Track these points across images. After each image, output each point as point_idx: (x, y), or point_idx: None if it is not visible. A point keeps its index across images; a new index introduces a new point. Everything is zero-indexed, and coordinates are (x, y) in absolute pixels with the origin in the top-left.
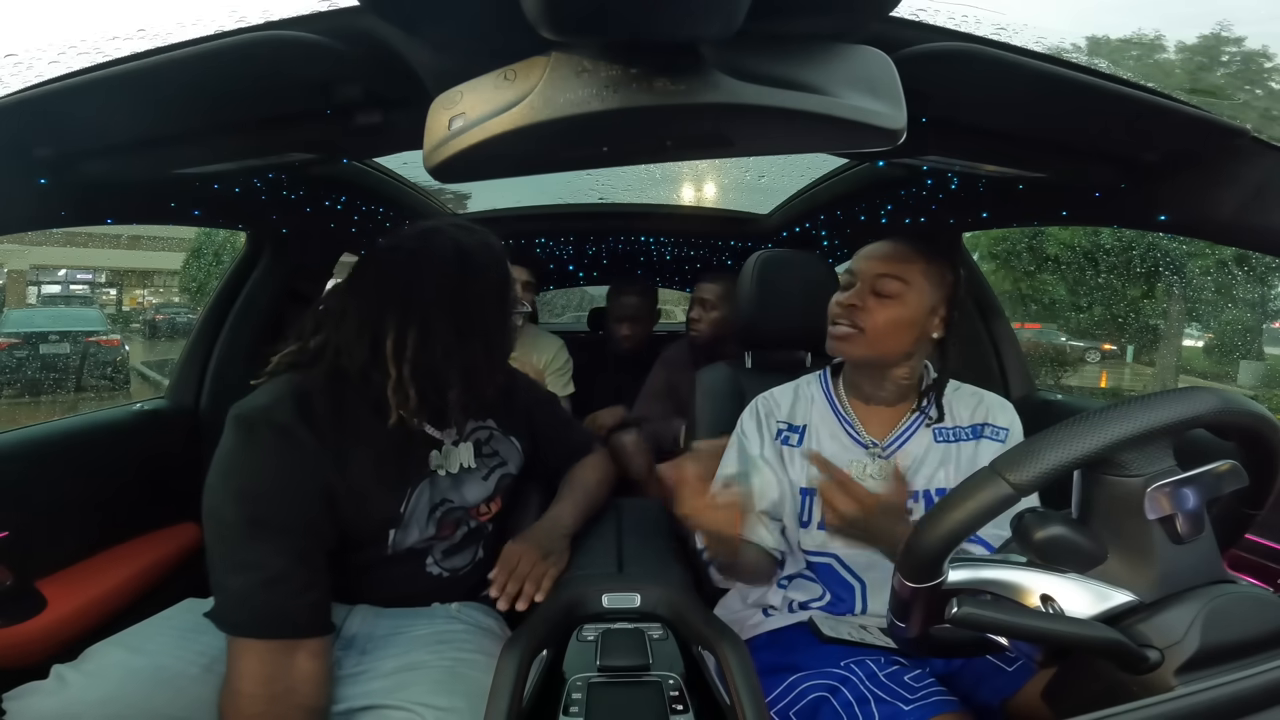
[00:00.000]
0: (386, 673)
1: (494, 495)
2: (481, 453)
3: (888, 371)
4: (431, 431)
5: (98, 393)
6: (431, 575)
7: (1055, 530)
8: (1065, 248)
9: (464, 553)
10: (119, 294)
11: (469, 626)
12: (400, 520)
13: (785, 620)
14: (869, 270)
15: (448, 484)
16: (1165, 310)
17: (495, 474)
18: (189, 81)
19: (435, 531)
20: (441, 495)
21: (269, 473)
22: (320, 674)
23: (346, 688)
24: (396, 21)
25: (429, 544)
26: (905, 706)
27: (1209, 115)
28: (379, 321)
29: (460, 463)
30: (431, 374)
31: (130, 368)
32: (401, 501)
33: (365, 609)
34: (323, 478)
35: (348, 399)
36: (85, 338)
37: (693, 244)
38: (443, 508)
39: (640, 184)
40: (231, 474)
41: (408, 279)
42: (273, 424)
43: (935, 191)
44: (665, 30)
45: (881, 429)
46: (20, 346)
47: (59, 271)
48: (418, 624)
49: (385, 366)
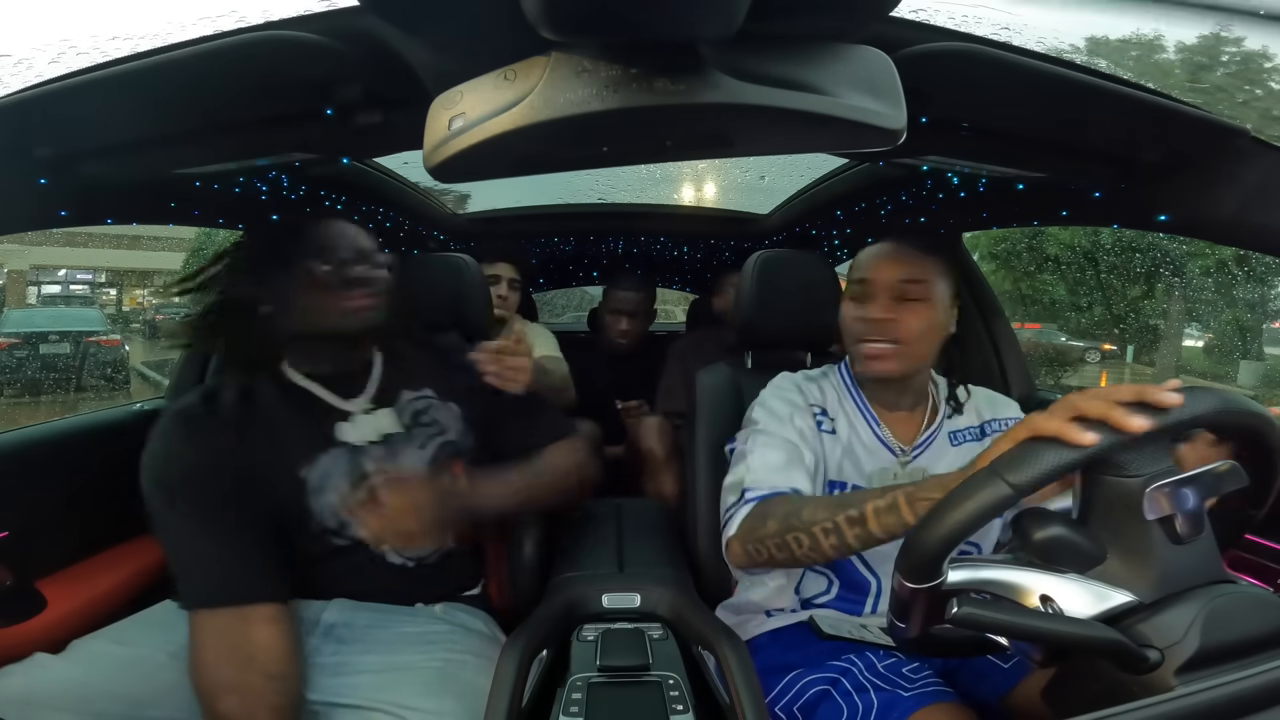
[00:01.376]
0: (371, 670)
1: (435, 464)
2: (419, 422)
3: (912, 378)
4: (335, 402)
5: (98, 393)
6: (395, 565)
7: (1055, 530)
8: (1065, 248)
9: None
10: (119, 294)
11: (455, 627)
12: (304, 486)
13: (787, 620)
14: (888, 277)
15: (380, 453)
16: (1165, 310)
17: (434, 443)
18: (189, 82)
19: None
20: (375, 465)
21: (174, 460)
22: (278, 640)
23: (326, 677)
24: (396, 21)
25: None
26: (903, 694)
27: (1209, 115)
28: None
29: (379, 429)
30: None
31: (130, 368)
32: (304, 467)
33: (343, 601)
34: (222, 459)
35: (253, 389)
36: (85, 338)
37: (693, 244)
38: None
39: (640, 184)
40: (148, 464)
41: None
42: (175, 414)
43: (935, 191)
44: (665, 30)
45: (906, 434)
46: (20, 346)
47: (59, 271)
48: (401, 622)
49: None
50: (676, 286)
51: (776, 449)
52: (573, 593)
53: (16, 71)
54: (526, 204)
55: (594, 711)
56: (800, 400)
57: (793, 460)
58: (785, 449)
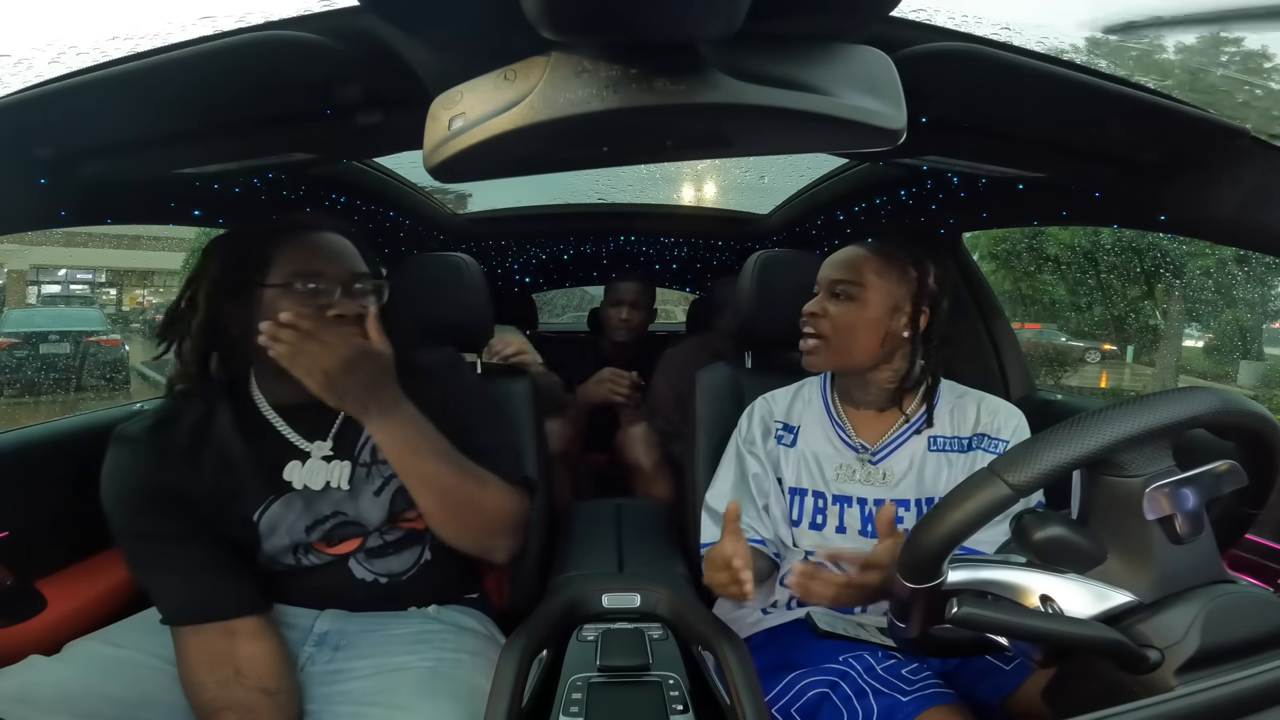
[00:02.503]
0: (365, 674)
1: (392, 514)
2: (377, 458)
3: (867, 375)
4: (295, 439)
5: (98, 393)
6: (365, 582)
7: (1055, 531)
8: (1065, 248)
9: (399, 555)
10: (119, 294)
11: (448, 626)
12: (255, 529)
13: (784, 618)
14: (825, 277)
15: (341, 498)
16: (1165, 310)
17: (390, 486)
18: (189, 82)
19: (322, 543)
20: (333, 508)
21: (127, 481)
22: (265, 655)
23: (322, 685)
24: (396, 21)
25: (335, 555)
26: (903, 698)
27: (1209, 115)
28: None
29: (327, 480)
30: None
31: (130, 368)
32: (255, 510)
33: (335, 611)
34: (174, 483)
35: (211, 411)
36: (85, 338)
37: (693, 244)
38: (332, 521)
39: (640, 184)
40: (105, 486)
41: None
42: (122, 438)
43: (935, 191)
44: (665, 30)
45: (873, 434)
46: (20, 346)
47: (59, 271)
48: (394, 625)
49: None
50: (676, 286)
51: (727, 480)
52: (572, 593)
53: (16, 71)
54: (526, 204)
55: (594, 711)
56: (758, 430)
57: (739, 492)
58: (735, 484)
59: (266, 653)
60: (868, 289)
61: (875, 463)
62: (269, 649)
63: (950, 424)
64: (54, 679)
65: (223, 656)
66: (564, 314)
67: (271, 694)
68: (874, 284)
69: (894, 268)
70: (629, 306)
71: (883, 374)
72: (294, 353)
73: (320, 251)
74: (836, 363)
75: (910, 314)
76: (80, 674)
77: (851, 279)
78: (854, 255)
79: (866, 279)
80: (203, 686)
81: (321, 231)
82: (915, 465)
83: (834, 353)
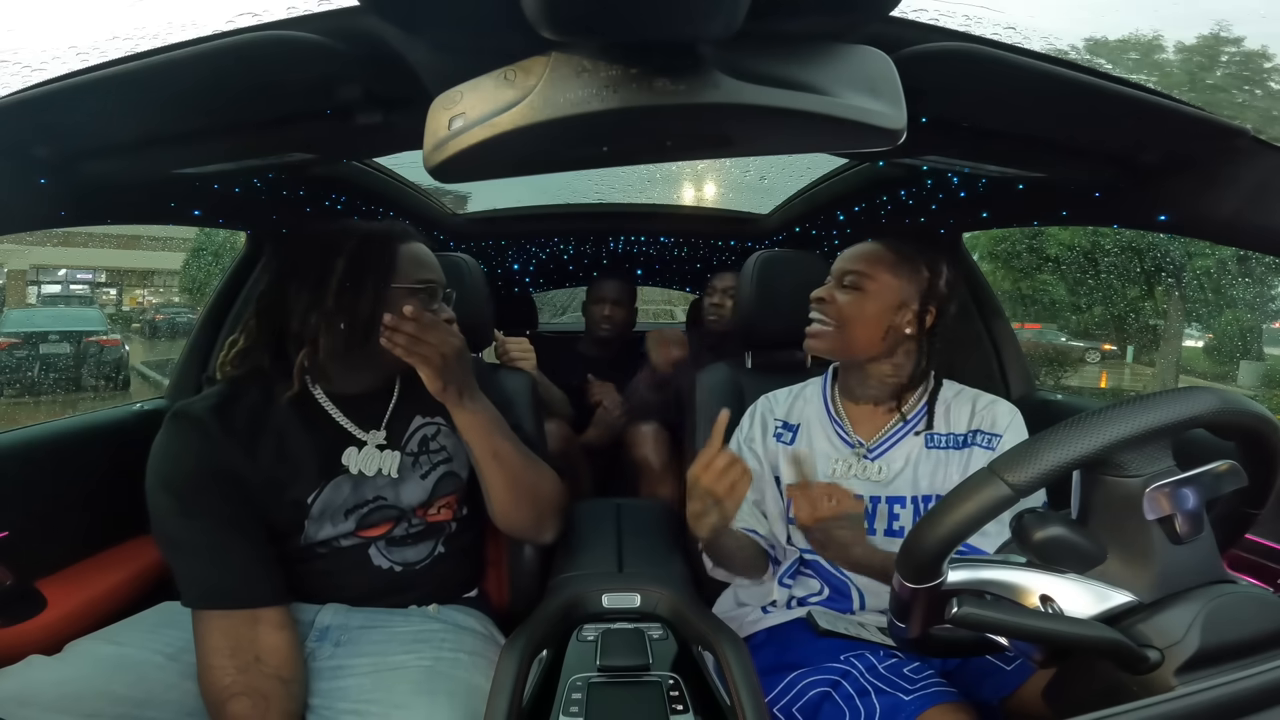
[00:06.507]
0: (364, 671)
1: (433, 498)
2: (427, 449)
3: (867, 368)
4: (350, 428)
5: (98, 393)
6: (382, 569)
7: (1054, 530)
8: (1065, 248)
9: (416, 547)
10: (119, 294)
11: (447, 626)
12: (307, 512)
13: (783, 617)
14: (837, 268)
15: (383, 483)
16: (1165, 310)
17: (436, 471)
18: (189, 82)
19: (355, 528)
20: (375, 493)
21: (184, 460)
22: (285, 645)
23: (324, 680)
24: (396, 21)
25: (363, 539)
26: (905, 697)
27: (1209, 115)
28: (278, 315)
29: (380, 468)
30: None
31: (130, 368)
32: (310, 493)
33: (337, 605)
34: (233, 466)
35: (269, 398)
36: (85, 338)
37: (693, 244)
38: (371, 505)
39: (640, 184)
40: (156, 463)
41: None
42: (186, 416)
43: (935, 191)
44: (665, 30)
45: (870, 430)
46: (20, 346)
47: (59, 271)
48: (394, 623)
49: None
50: (676, 286)
51: None
52: (572, 592)
53: (17, 71)
54: (526, 204)
55: (594, 711)
56: (758, 428)
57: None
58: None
59: (286, 643)
60: (875, 281)
61: (872, 459)
62: (288, 639)
63: (946, 421)
64: (55, 678)
65: (246, 643)
66: (564, 313)
67: (286, 682)
68: (882, 278)
69: (906, 265)
70: (611, 304)
71: (883, 368)
72: (415, 344)
73: (428, 260)
74: (836, 349)
75: (917, 312)
76: (82, 673)
77: (861, 270)
78: (868, 249)
79: (875, 272)
80: (222, 671)
81: (422, 242)
82: (911, 462)
83: (835, 339)
